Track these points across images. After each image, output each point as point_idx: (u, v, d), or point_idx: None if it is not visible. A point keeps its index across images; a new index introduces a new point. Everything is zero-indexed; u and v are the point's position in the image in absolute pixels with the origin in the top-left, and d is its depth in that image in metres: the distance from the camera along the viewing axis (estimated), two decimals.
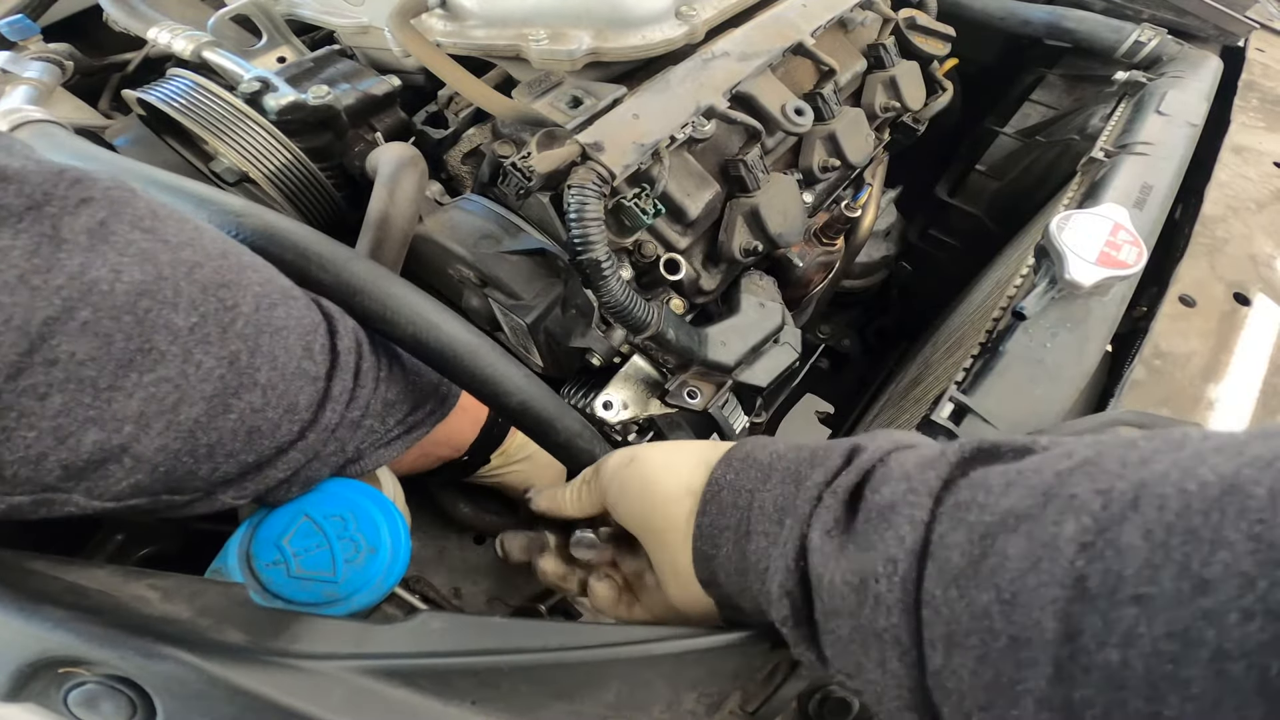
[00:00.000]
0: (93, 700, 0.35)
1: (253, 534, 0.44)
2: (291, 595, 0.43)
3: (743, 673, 0.41)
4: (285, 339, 0.39)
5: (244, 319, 0.37)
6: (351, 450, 0.46)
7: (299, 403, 0.40)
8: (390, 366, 0.48)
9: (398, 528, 0.46)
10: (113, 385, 0.32)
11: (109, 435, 0.32)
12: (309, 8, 0.82)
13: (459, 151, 0.75)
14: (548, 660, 0.38)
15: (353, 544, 0.45)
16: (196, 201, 0.45)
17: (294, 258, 0.44)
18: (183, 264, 0.35)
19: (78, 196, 0.31)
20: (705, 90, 0.69)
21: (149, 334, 0.33)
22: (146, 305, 0.32)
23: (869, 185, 0.98)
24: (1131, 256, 0.63)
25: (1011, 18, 1.11)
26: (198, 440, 0.36)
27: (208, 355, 0.35)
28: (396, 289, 0.45)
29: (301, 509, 0.45)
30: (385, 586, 0.45)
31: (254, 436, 0.38)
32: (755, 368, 0.72)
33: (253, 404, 0.37)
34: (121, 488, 0.34)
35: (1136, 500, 0.25)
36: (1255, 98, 0.95)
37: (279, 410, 0.39)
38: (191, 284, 0.35)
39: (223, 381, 0.36)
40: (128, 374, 0.32)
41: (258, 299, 0.38)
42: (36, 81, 0.69)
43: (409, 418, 0.50)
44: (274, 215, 0.46)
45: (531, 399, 0.49)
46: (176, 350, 0.34)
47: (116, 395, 0.32)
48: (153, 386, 0.33)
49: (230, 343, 0.36)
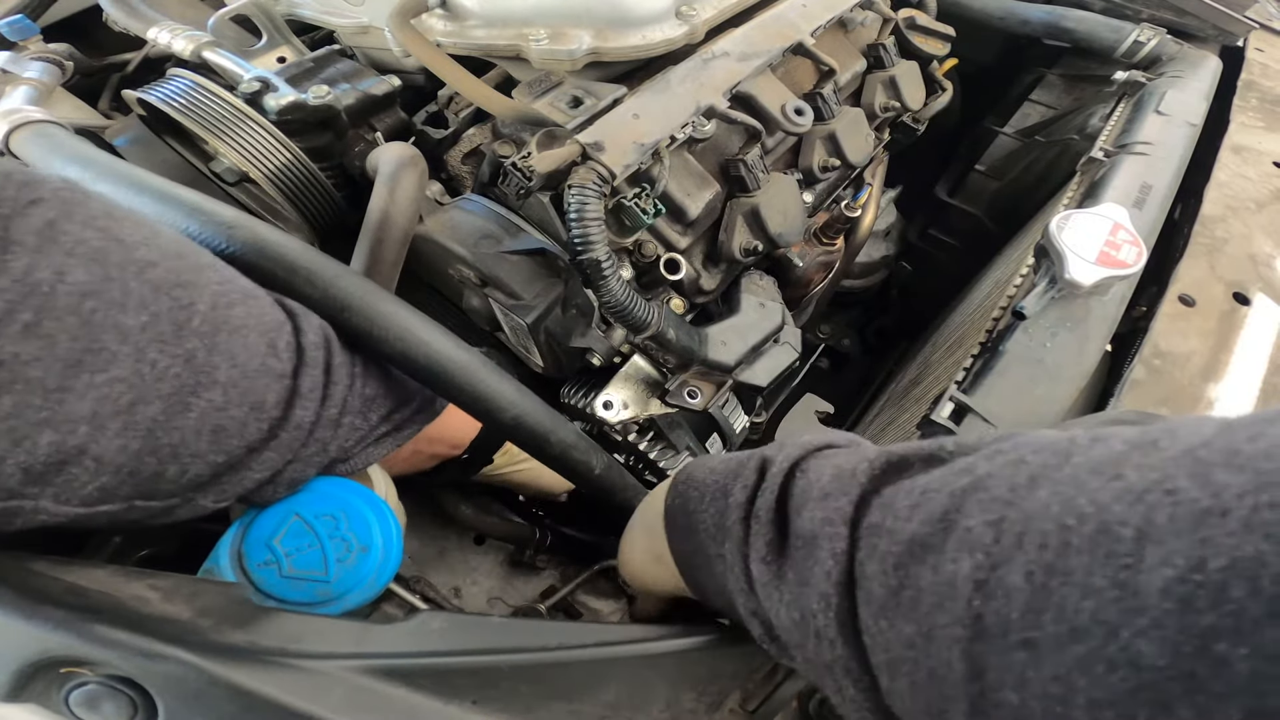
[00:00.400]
0: (94, 700, 0.35)
1: (244, 534, 0.44)
2: (284, 595, 0.43)
3: (742, 672, 0.41)
4: (245, 337, 0.39)
5: (200, 317, 0.36)
6: (335, 449, 0.45)
7: (265, 400, 0.40)
8: (366, 363, 0.47)
9: (389, 526, 0.46)
10: (61, 386, 0.31)
11: (64, 436, 0.32)
12: (309, 8, 0.82)
13: (459, 151, 0.75)
14: (547, 660, 0.38)
15: (344, 543, 0.45)
16: (187, 210, 0.45)
17: (282, 272, 0.44)
18: (134, 263, 0.35)
19: (27, 198, 0.32)
20: (705, 90, 0.69)
21: (96, 334, 0.32)
22: (92, 306, 0.32)
23: (869, 185, 0.98)
24: (1131, 256, 0.63)
25: (1011, 17, 1.11)
26: (159, 440, 0.35)
27: (162, 354, 0.35)
28: (384, 305, 0.45)
29: (292, 509, 0.45)
30: (378, 585, 0.45)
31: (219, 436, 0.38)
32: (755, 367, 0.72)
33: (214, 402, 0.37)
34: (88, 491, 0.34)
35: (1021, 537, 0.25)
36: (1254, 97, 0.95)
37: (243, 408, 0.38)
38: (143, 283, 0.34)
39: (179, 380, 0.35)
40: (78, 374, 0.32)
41: (215, 297, 0.38)
42: (36, 82, 0.69)
43: (395, 414, 0.50)
44: (265, 227, 0.45)
45: (525, 413, 0.48)
46: (128, 350, 0.33)
47: (67, 396, 0.32)
48: (105, 387, 0.33)
49: (186, 340, 0.36)
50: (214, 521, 0.47)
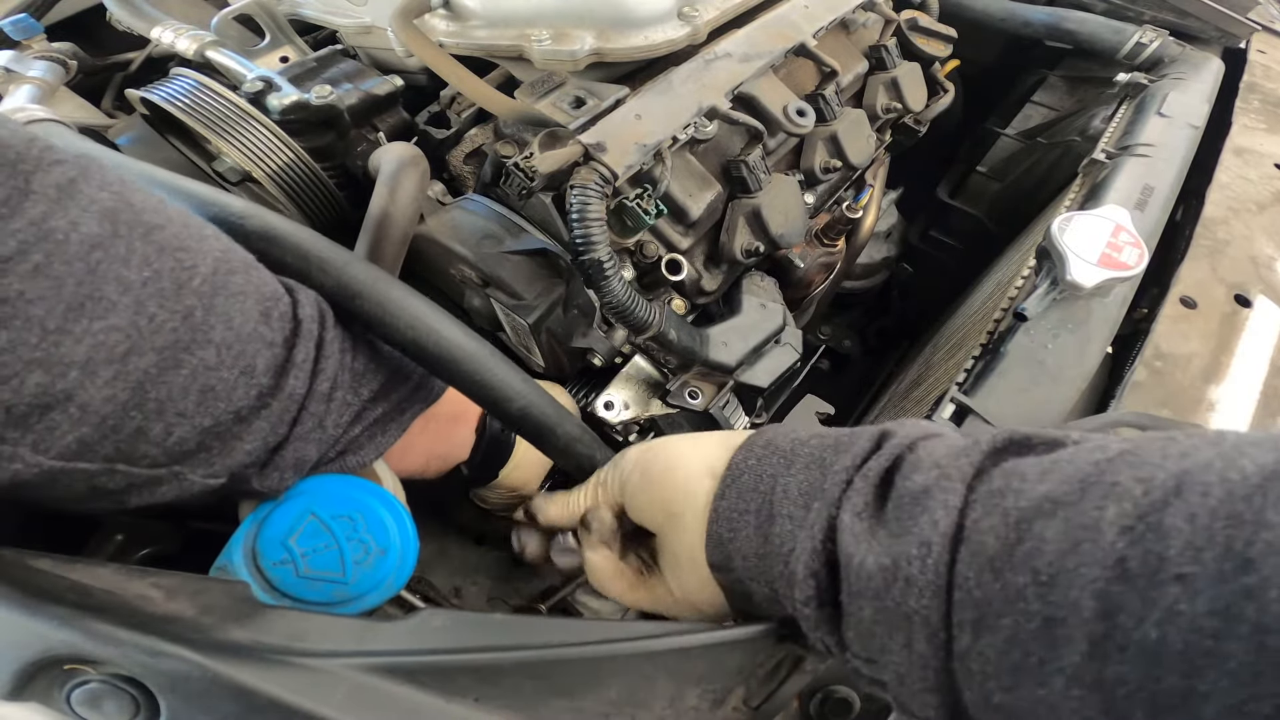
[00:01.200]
0: (96, 699, 0.35)
1: (258, 531, 0.44)
2: (301, 594, 0.43)
3: (746, 668, 0.41)
4: (243, 302, 0.40)
5: (201, 278, 0.38)
6: (332, 427, 0.45)
7: (256, 365, 0.40)
8: (356, 340, 0.47)
9: (406, 529, 0.46)
10: (60, 328, 0.32)
11: (53, 379, 0.33)
12: (312, 8, 0.82)
13: (461, 151, 0.75)
14: (550, 657, 0.38)
15: (362, 545, 0.45)
16: (199, 202, 0.45)
17: (294, 259, 0.45)
18: (142, 225, 0.36)
19: (50, 159, 0.33)
20: (707, 91, 0.69)
21: (99, 283, 0.34)
22: (99, 257, 0.34)
23: (870, 186, 0.98)
24: (1133, 258, 0.63)
25: (1013, 19, 1.11)
26: (146, 394, 0.36)
27: (161, 309, 0.36)
28: (396, 293, 0.45)
29: (308, 508, 0.45)
30: (395, 587, 0.45)
31: (207, 396, 0.38)
32: (756, 368, 0.72)
33: (206, 361, 0.38)
34: (68, 441, 0.34)
35: (1179, 488, 0.26)
36: (1256, 99, 0.96)
37: (234, 371, 0.39)
38: (148, 244, 0.36)
39: (175, 334, 0.36)
40: (78, 319, 0.33)
41: (216, 263, 0.39)
42: (40, 80, 0.69)
43: (389, 393, 0.50)
44: (276, 217, 0.46)
45: (532, 404, 0.48)
46: (128, 301, 0.35)
47: (64, 339, 0.33)
48: (102, 334, 0.34)
49: (185, 299, 0.37)
50: (217, 521, 0.47)
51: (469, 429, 0.60)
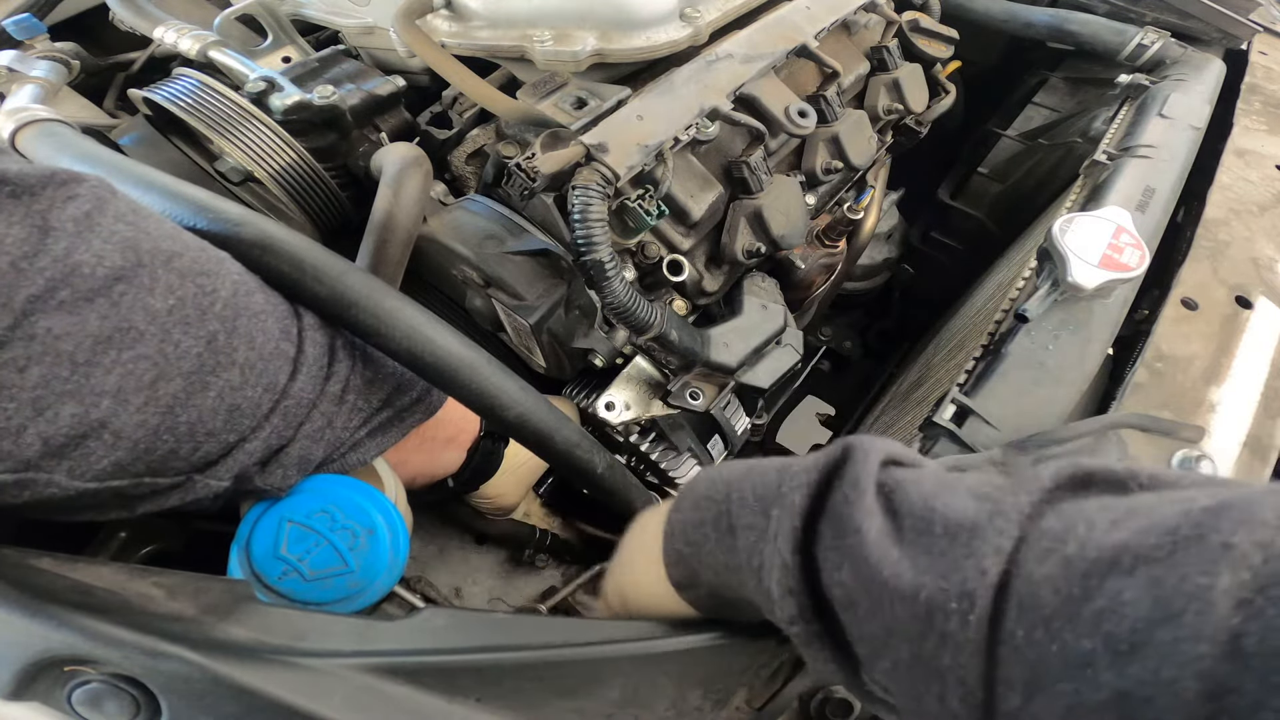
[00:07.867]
0: (97, 699, 0.35)
1: (247, 558, 0.44)
2: (318, 598, 0.44)
3: (749, 670, 0.41)
4: (263, 321, 0.41)
5: (222, 302, 0.39)
6: (340, 428, 0.46)
7: (278, 382, 0.41)
8: (366, 351, 0.48)
9: (384, 504, 0.47)
10: (90, 361, 0.33)
11: (86, 409, 0.34)
12: (314, 8, 0.82)
13: (463, 152, 0.75)
14: (552, 657, 0.38)
15: (349, 532, 0.45)
16: (195, 208, 0.45)
17: (289, 268, 0.44)
18: (162, 253, 0.37)
19: (66, 194, 0.34)
20: (709, 92, 0.69)
21: (126, 314, 0.35)
22: (122, 289, 0.35)
23: (871, 187, 0.98)
24: (1134, 259, 0.63)
25: (1014, 20, 1.11)
26: (177, 417, 0.37)
27: (186, 335, 0.37)
28: (391, 303, 0.45)
29: (281, 515, 0.45)
30: (399, 562, 0.46)
31: (234, 415, 0.39)
32: (757, 369, 0.72)
33: (231, 382, 0.39)
34: (103, 465, 0.35)
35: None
36: (1258, 101, 0.95)
37: (258, 389, 0.40)
38: (170, 271, 0.37)
39: (200, 360, 0.37)
40: (106, 350, 0.34)
41: (235, 285, 0.40)
42: (42, 80, 0.69)
43: (395, 400, 0.50)
44: (272, 225, 0.46)
45: (529, 411, 0.49)
46: (155, 330, 0.35)
47: (94, 370, 0.33)
48: (131, 364, 0.35)
49: (209, 323, 0.38)
50: (218, 521, 0.48)
51: (460, 453, 0.61)
